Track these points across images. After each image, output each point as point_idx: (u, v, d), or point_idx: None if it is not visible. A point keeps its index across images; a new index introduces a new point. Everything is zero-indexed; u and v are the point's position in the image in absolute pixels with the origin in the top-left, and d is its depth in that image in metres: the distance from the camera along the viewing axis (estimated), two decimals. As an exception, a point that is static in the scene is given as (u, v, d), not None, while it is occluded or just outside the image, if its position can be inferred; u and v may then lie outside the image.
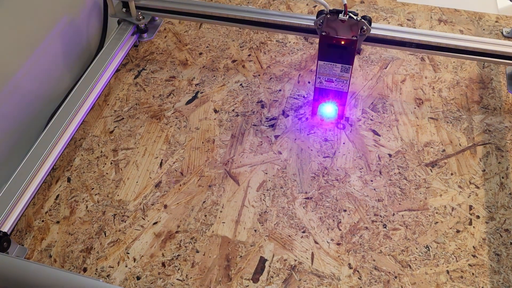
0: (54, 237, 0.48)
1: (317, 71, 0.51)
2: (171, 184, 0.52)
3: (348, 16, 0.51)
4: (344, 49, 0.49)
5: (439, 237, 0.47)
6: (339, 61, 0.50)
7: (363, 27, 0.52)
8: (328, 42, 0.49)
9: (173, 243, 0.47)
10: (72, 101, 0.54)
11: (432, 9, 0.74)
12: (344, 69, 0.50)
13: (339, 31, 0.49)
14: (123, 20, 0.63)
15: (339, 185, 0.51)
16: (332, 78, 0.51)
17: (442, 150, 0.55)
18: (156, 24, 0.67)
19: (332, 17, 0.51)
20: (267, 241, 0.47)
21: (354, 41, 0.48)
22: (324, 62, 0.50)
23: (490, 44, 0.54)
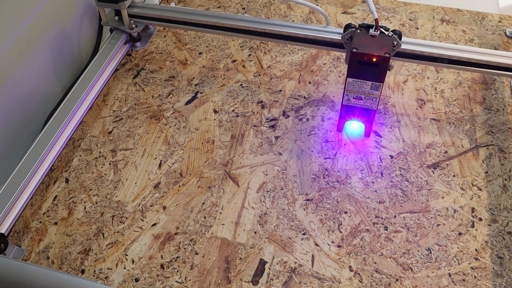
0: (52, 239, 0.48)
1: (346, 88, 0.50)
2: (170, 185, 0.52)
3: (379, 31, 0.49)
4: (375, 67, 0.47)
5: (441, 239, 0.47)
6: (370, 79, 0.48)
7: (394, 42, 0.49)
8: (359, 59, 0.47)
9: (172, 244, 0.47)
10: (70, 101, 0.54)
11: (434, 8, 0.74)
12: (374, 87, 0.49)
13: (370, 47, 0.47)
14: (115, 29, 0.62)
15: (340, 187, 0.51)
16: (361, 96, 0.50)
17: (444, 152, 0.55)
18: (150, 33, 0.66)
19: (362, 32, 0.49)
20: (267, 243, 0.47)
21: (386, 58, 0.47)
22: (354, 79, 0.49)
23: None
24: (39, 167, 0.48)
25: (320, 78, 0.64)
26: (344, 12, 0.74)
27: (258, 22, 0.56)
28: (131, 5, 0.61)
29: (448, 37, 0.69)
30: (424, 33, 0.70)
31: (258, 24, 0.56)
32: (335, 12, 0.74)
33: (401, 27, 0.71)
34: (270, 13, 0.75)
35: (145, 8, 0.61)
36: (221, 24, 0.56)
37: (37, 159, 0.48)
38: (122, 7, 0.59)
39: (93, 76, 0.56)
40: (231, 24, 0.56)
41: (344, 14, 0.74)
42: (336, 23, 0.73)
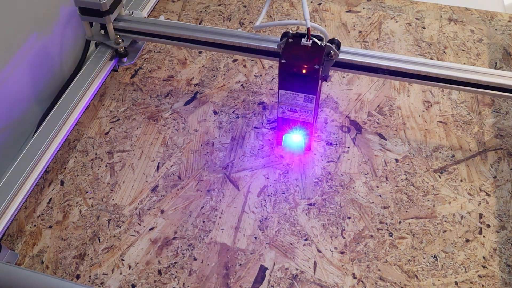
0: (46, 243, 0.48)
1: (279, 100, 0.48)
2: (168, 188, 0.52)
3: (311, 41, 0.47)
4: (306, 78, 0.45)
5: (448, 246, 0.47)
6: (302, 91, 0.47)
7: (331, 52, 0.49)
8: (288, 70, 0.45)
9: (169, 250, 0.48)
10: (66, 101, 0.55)
11: (442, 7, 0.74)
12: (307, 99, 0.47)
13: (301, 58, 0.45)
14: (100, 43, 0.60)
15: (343, 191, 0.52)
16: (296, 108, 0.48)
17: (451, 156, 0.55)
18: (137, 47, 0.63)
19: (294, 41, 0.47)
20: (267, 249, 0.47)
21: (316, 70, 0.45)
22: (286, 91, 0.47)
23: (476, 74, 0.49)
24: (34, 168, 0.49)
25: (324, 78, 0.64)
26: (349, 10, 0.75)
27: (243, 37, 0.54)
28: (117, 18, 0.59)
29: (456, 37, 0.70)
30: (431, 32, 0.70)
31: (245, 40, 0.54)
32: (339, 10, 0.75)
33: (408, 27, 0.72)
34: (272, 12, 0.75)
35: (132, 22, 0.58)
36: (212, 40, 0.55)
37: (31, 161, 0.49)
38: (108, 21, 0.57)
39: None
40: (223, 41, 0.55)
41: (348, 12, 0.74)
42: (340, 21, 0.73)
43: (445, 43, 0.69)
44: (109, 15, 0.56)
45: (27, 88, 0.57)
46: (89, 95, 0.56)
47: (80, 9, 0.56)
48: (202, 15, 0.75)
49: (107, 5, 0.55)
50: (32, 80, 0.57)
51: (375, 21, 0.73)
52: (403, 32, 0.71)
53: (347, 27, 0.72)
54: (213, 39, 0.55)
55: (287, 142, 0.55)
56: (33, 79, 0.57)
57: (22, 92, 0.56)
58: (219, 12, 0.75)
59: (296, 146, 0.54)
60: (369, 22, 0.73)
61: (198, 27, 0.57)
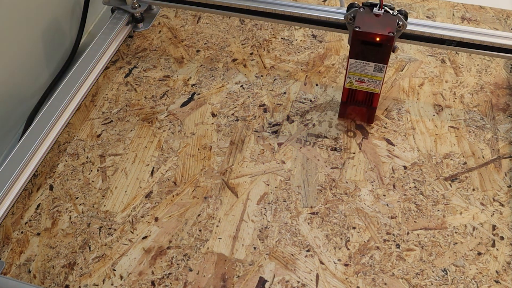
0: (34, 251, 0.49)
1: (347, 69, 0.52)
2: (163, 195, 0.53)
3: (383, 10, 0.51)
4: (379, 47, 0.49)
5: (458, 259, 0.48)
6: (373, 60, 0.51)
7: (399, 22, 0.52)
8: (361, 38, 0.49)
9: (164, 260, 0.48)
10: (56, 101, 0.56)
11: (454, 5, 0.75)
12: (377, 69, 0.51)
13: (373, 27, 0.49)
14: (117, 8, 0.65)
15: (348, 200, 0.52)
16: (364, 78, 0.52)
17: (463, 163, 0.56)
18: (153, 14, 0.69)
19: (366, 10, 0.51)
20: (267, 260, 0.48)
21: (390, 37, 0.49)
22: (356, 60, 0.51)
23: None
24: (21, 172, 0.50)
25: (328, 80, 0.65)
26: (356, 8, 0.76)
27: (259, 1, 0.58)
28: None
29: (469, 36, 0.70)
30: (443, 32, 0.71)
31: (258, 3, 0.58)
32: (345, 7, 0.76)
33: (418, 25, 0.72)
34: (274, 8, 0.76)
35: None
36: (229, 4, 0.58)
37: (19, 164, 0.50)
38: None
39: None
40: (239, 4, 0.58)
41: (355, 10, 0.75)
42: None
43: (458, 43, 0.69)
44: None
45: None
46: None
47: None
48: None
49: None
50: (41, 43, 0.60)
51: (383, 19, 0.74)
52: (413, 31, 0.72)
53: (354, 26, 0.73)
54: (255, 7, 0.59)
55: (351, 113, 0.58)
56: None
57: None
58: (218, 8, 0.77)
59: (359, 117, 0.58)
60: (377, 20, 0.74)
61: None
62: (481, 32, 0.54)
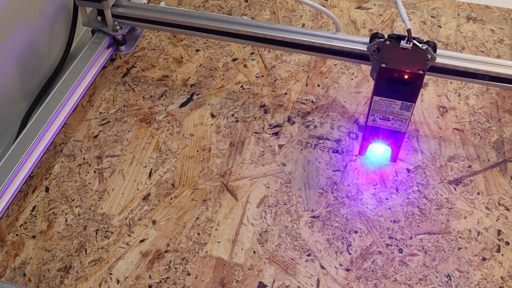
0: (29, 254, 0.50)
1: (371, 107, 0.49)
2: (161, 197, 0.53)
3: (412, 43, 0.48)
4: (407, 85, 0.46)
5: (463, 265, 0.48)
6: (400, 98, 0.47)
7: (428, 55, 0.49)
8: (388, 75, 0.46)
9: (161, 263, 0.49)
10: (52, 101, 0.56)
11: (460, 5, 0.76)
12: (404, 107, 0.48)
13: (401, 62, 0.46)
14: (97, 30, 0.62)
15: (350, 203, 0.53)
16: (389, 117, 0.49)
17: (468, 166, 0.56)
18: (136, 35, 0.65)
19: (392, 43, 0.48)
20: (267, 264, 0.48)
21: (420, 75, 0.45)
22: (382, 98, 0.48)
23: None
24: (17, 174, 0.50)
25: (330, 80, 0.66)
26: (358, 7, 0.76)
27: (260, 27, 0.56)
28: (116, 4, 0.61)
29: (474, 37, 0.71)
30: (448, 32, 0.72)
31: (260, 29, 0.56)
32: (348, 6, 0.76)
33: (422, 25, 0.73)
34: (275, 7, 0.77)
35: (131, 8, 0.60)
36: (216, 28, 0.57)
37: (14, 165, 0.50)
38: (105, 6, 0.59)
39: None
40: (228, 28, 0.56)
41: (358, 9, 0.76)
42: (349, 18, 0.75)
43: (463, 44, 0.70)
44: (107, 0, 0.58)
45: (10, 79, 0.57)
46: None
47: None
48: (200, 10, 0.77)
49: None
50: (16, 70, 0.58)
51: (387, 18, 0.74)
52: (417, 30, 0.72)
53: (357, 25, 0.73)
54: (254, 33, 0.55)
55: (372, 152, 0.55)
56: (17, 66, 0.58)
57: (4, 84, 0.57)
58: (218, 7, 0.77)
59: (381, 157, 0.55)
60: (380, 19, 0.74)
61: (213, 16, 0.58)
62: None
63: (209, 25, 0.57)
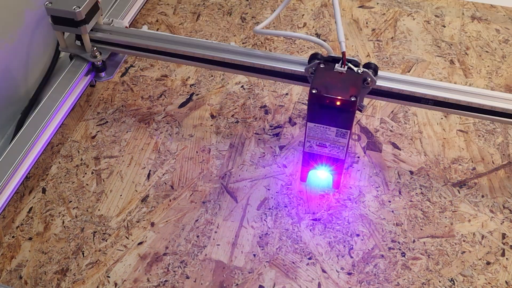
0: (25, 256, 0.50)
1: (306, 133, 0.47)
2: (159, 199, 0.54)
3: (346, 67, 0.46)
4: (340, 111, 0.44)
5: (466, 269, 0.48)
6: (334, 125, 0.46)
7: (367, 78, 0.47)
8: (319, 101, 0.44)
9: (160, 266, 0.49)
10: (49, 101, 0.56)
11: (464, 4, 0.76)
12: (340, 134, 0.46)
13: (334, 88, 0.44)
14: (75, 56, 0.59)
15: (351, 206, 0.53)
16: (325, 143, 0.47)
17: (472, 168, 0.56)
18: (117, 61, 0.61)
19: (327, 67, 0.46)
20: (267, 267, 0.48)
21: (352, 102, 0.43)
22: (315, 124, 0.46)
23: None
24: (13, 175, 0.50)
25: (332, 80, 0.66)
26: (361, 6, 0.77)
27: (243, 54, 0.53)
28: (95, 28, 0.58)
29: (479, 37, 0.71)
30: (452, 31, 0.72)
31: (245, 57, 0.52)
32: (350, 5, 0.77)
33: (426, 24, 0.73)
34: (277, 6, 0.77)
35: (111, 33, 0.57)
36: (202, 56, 0.54)
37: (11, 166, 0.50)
38: (83, 32, 0.55)
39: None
40: (214, 56, 0.53)
41: (361, 8, 0.76)
42: (351, 18, 0.75)
43: (467, 44, 0.70)
44: (84, 25, 0.55)
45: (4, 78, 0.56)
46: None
47: (53, 18, 0.54)
48: (200, 8, 0.77)
49: (82, 14, 0.53)
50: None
51: (390, 18, 0.75)
52: (420, 30, 0.72)
53: (359, 24, 0.74)
54: (211, 56, 0.53)
55: (313, 179, 0.54)
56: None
57: None
58: (218, 5, 0.77)
59: (322, 183, 0.54)
60: (383, 19, 0.74)
61: (192, 41, 0.55)
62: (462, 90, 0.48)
63: (193, 52, 0.54)
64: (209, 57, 0.54)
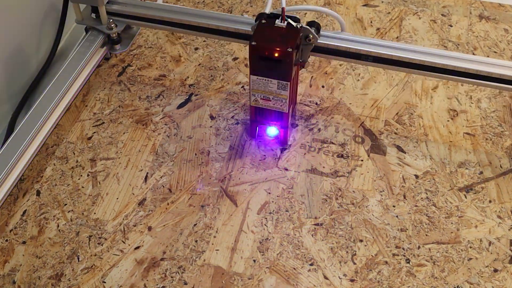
0: (19, 260, 0.50)
1: (250, 87, 0.51)
2: (157, 202, 0.54)
3: (286, 22, 0.50)
4: (279, 63, 0.48)
5: (473, 276, 0.48)
6: (275, 77, 0.49)
7: (309, 35, 0.51)
8: (258, 54, 0.48)
9: (157, 272, 0.49)
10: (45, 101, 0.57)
11: (472, 3, 0.77)
12: (281, 86, 0.49)
13: (274, 41, 0.48)
14: (91, 28, 0.62)
15: (355, 210, 0.53)
16: (269, 96, 0.51)
17: (479, 172, 0.56)
18: (132, 34, 0.65)
19: (268, 22, 0.50)
20: (267, 273, 0.49)
21: (289, 53, 0.47)
22: (258, 77, 0.50)
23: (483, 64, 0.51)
24: (7, 176, 0.51)
25: (335, 81, 0.66)
26: (366, 4, 0.77)
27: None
28: (111, 1, 0.61)
29: (487, 36, 0.72)
30: (459, 31, 0.72)
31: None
32: (355, 4, 0.77)
33: (432, 24, 0.74)
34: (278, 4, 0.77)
35: (126, 5, 0.61)
36: (216, 27, 0.57)
37: (5, 168, 0.51)
38: (100, 3, 0.59)
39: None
40: (228, 27, 0.57)
41: (365, 6, 0.77)
42: (355, 16, 0.75)
43: (475, 44, 0.71)
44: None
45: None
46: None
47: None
48: (200, 6, 0.78)
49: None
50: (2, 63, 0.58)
51: (395, 16, 0.75)
52: (426, 30, 0.73)
53: (364, 23, 0.74)
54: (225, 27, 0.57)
55: (262, 134, 0.57)
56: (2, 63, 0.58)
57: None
58: (218, 3, 0.78)
59: (271, 139, 0.57)
60: (388, 17, 0.75)
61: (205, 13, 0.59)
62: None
63: (208, 23, 0.58)
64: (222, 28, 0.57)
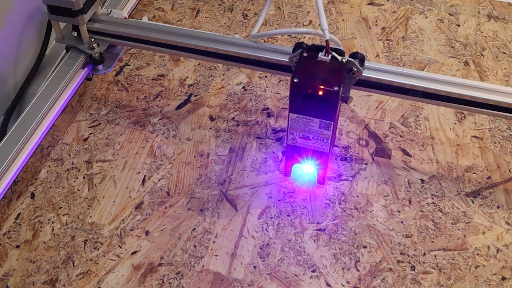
0: (12, 265, 0.51)
1: (289, 125, 0.48)
2: (155, 206, 0.54)
3: (330, 55, 0.47)
4: (322, 101, 0.45)
5: (480, 284, 0.49)
6: (317, 115, 0.46)
7: (353, 68, 0.48)
8: (301, 91, 0.45)
9: (154, 278, 0.49)
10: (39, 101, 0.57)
11: (480, 2, 0.77)
12: (323, 125, 0.47)
13: (317, 77, 0.45)
14: (72, 47, 0.59)
15: (358, 216, 0.54)
16: (309, 135, 0.48)
17: (487, 177, 0.57)
18: (116, 53, 0.62)
19: (310, 55, 0.47)
20: (268, 280, 0.49)
21: (335, 92, 0.44)
22: (298, 115, 0.47)
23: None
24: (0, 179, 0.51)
25: (339, 82, 0.67)
26: (371, 3, 0.78)
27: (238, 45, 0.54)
28: (92, 18, 0.58)
29: (496, 37, 0.72)
30: (467, 31, 0.73)
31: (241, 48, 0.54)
32: (359, 2, 0.78)
33: (439, 23, 0.74)
34: (281, 2, 0.78)
35: (109, 23, 0.58)
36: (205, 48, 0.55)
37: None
38: (81, 22, 0.56)
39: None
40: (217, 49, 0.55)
41: (370, 5, 0.77)
42: (360, 15, 0.76)
43: (483, 44, 0.71)
44: (82, 15, 0.56)
45: None
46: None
47: (49, 7, 0.56)
48: (199, 4, 0.78)
49: (80, 4, 0.55)
50: None
51: (401, 16, 0.75)
52: (433, 29, 0.73)
53: (368, 23, 0.75)
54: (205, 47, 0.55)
55: (297, 173, 0.55)
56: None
57: None
58: (219, 1, 0.79)
59: (307, 178, 0.55)
60: (394, 17, 0.75)
61: (191, 32, 0.57)
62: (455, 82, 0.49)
63: (196, 44, 0.56)
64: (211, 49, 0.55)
